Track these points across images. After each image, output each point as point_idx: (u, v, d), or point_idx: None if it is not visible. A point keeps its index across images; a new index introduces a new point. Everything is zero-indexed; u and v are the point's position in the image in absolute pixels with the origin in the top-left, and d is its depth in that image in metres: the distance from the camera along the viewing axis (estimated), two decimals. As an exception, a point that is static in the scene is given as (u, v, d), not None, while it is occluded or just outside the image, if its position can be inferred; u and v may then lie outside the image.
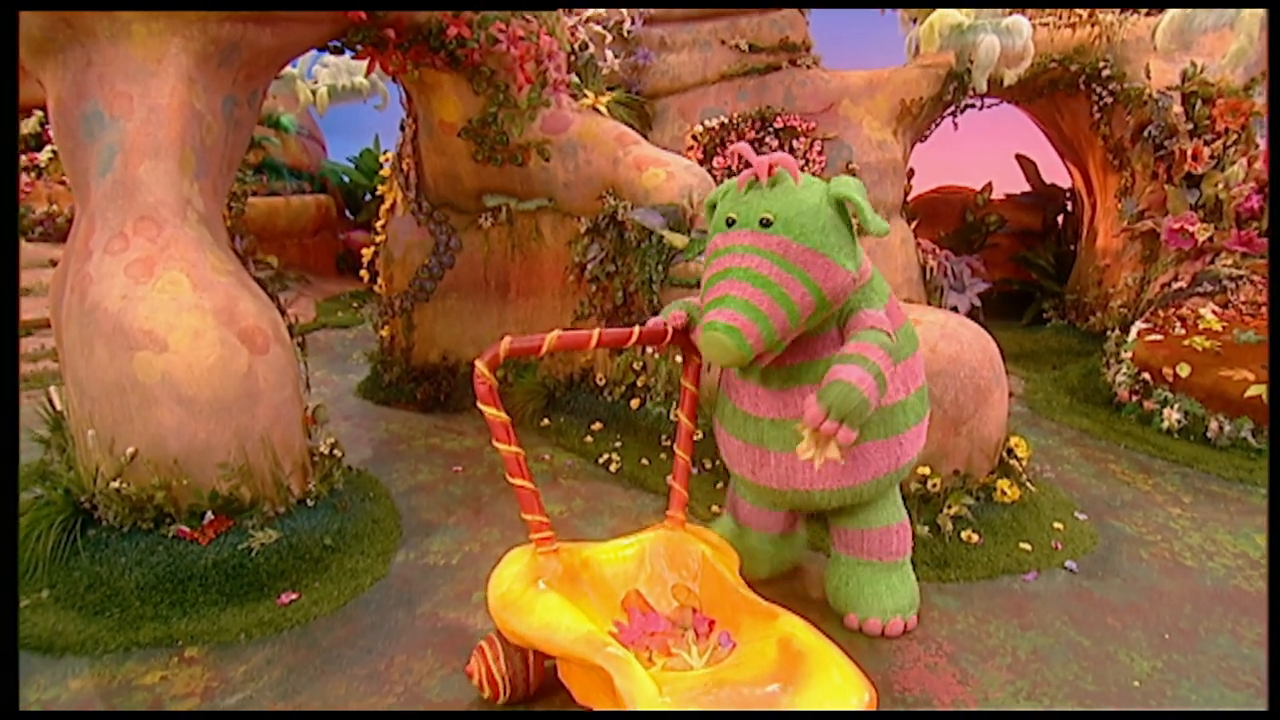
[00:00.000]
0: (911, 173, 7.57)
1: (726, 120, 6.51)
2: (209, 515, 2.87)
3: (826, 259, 2.23)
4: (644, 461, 4.18)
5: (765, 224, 2.22)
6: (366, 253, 5.77)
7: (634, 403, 4.49)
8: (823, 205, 2.26)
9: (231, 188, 3.68)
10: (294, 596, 2.88)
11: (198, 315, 2.84)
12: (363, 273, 5.82)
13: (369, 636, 2.74)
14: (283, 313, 3.56)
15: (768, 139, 6.49)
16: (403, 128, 5.45)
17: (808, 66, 6.63)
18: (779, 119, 6.44)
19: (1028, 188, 8.99)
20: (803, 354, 2.43)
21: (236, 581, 2.80)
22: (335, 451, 3.53)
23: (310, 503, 3.21)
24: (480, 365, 2.26)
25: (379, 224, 5.71)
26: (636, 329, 2.44)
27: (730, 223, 2.29)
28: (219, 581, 2.78)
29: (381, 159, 5.75)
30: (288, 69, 6.77)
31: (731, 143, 6.55)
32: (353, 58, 4.14)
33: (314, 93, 6.93)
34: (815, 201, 2.25)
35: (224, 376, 2.86)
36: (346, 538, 3.25)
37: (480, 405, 2.29)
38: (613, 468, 4.22)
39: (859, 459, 2.51)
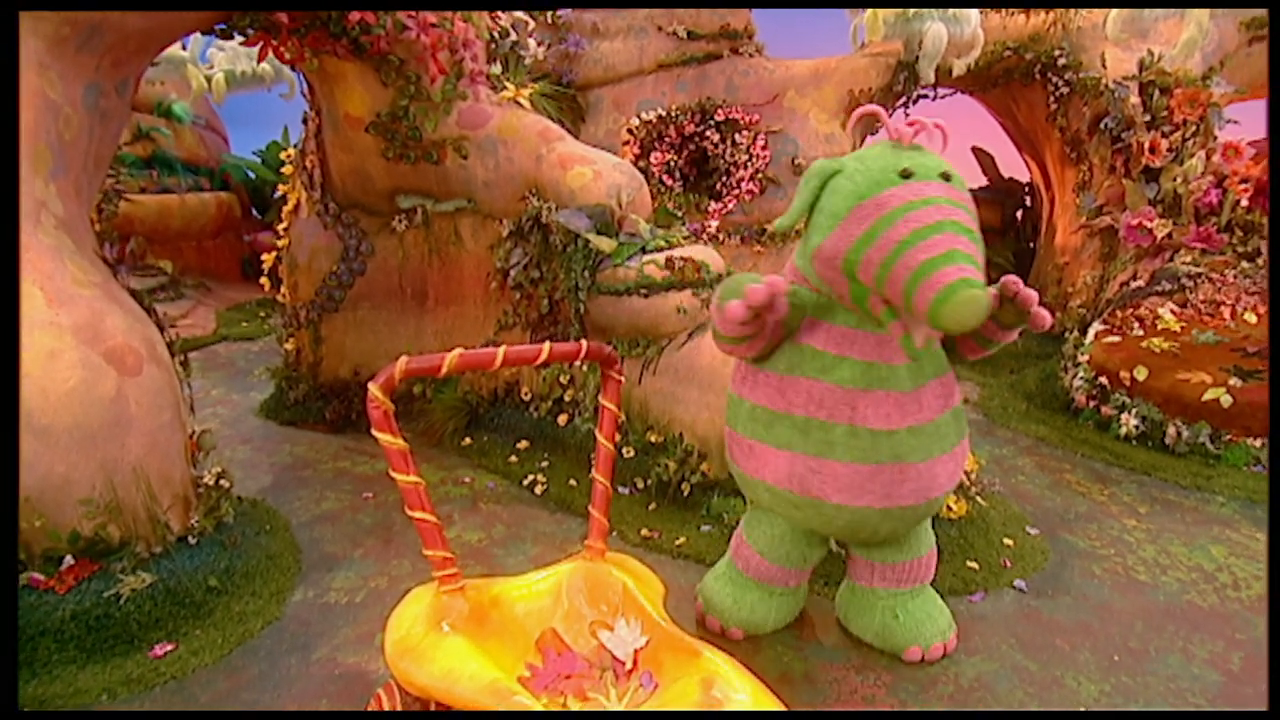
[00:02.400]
0: (864, 167, 7.71)
1: (665, 113, 6.54)
2: (68, 560, 2.74)
3: None
4: (572, 483, 4.16)
5: (946, 178, 2.22)
6: (268, 258, 5.64)
7: (561, 419, 4.47)
8: None
9: (101, 187, 3.55)
10: (170, 648, 2.78)
11: (53, 333, 2.72)
12: (263, 280, 5.68)
13: (255, 688, 2.66)
14: (162, 329, 3.44)
15: (708, 133, 6.54)
16: (305, 121, 5.34)
17: (750, 55, 6.72)
18: (720, 111, 6.50)
19: (985, 182, 9.25)
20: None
21: (100, 634, 2.69)
22: (223, 481, 3.43)
23: (193, 540, 3.11)
24: (374, 389, 2.22)
25: (281, 227, 5.59)
26: (546, 346, 2.41)
27: (906, 175, 2.20)
28: (79, 636, 2.65)
29: (283, 155, 5.63)
30: (177, 52, 6.60)
31: (670, 138, 6.59)
32: (242, 43, 4.04)
33: (209, 79, 6.74)
34: None
35: (86, 402, 2.75)
36: (235, 577, 3.16)
37: (375, 433, 2.25)
38: (538, 490, 4.18)
39: (957, 460, 2.56)
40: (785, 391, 2.49)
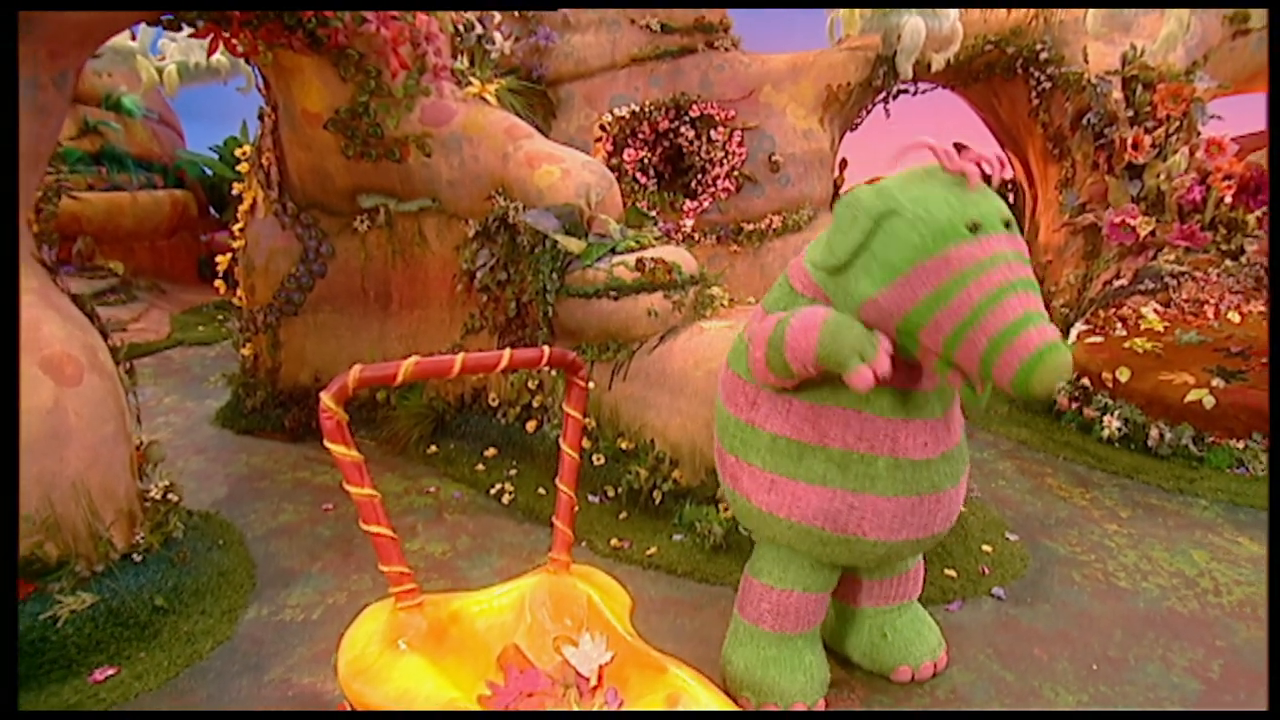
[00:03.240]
0: (844, 164, 7.76)
1: (638, 108, 6.54)
2: (3, 580, 2.69)
3: None
4: (540, 491, 4.15)
5: (1007, 225, 2.13)
6: (223, 260, 5.58)
7: (530, 425, 4.45)
8: None
9: (40, 186, 3.49)
10: (111, 672, 2.73)
11: (-14, 342, 2.67)
12: (218, 283, 5.62)
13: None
14: (105, 335, 3.38)
15: (683, 129, 6.55)
16: (262, 117, 5.29)
17: (726, 49, 6.73)
18: (694, 107, 6.51)
19: (968, 179, 9.29)
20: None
21: (35, 660, 2.63)
22: (171, 495, 3.38)
23: (138, 557, 3.07)
24: (326, 398, 2.19)
25: (237, 227, 5.54)
26: (507, 353, 2.40)
27: (974, 228, 2.08)
28: (13, 660, 2.61)
29: (238, 153, 5.57)
30: (125, 43, 6.52)
31: (644, 134, 6.59)
32: (191, 35, 3.99)
33: (160, 71, 6.66)
34: None
35: (22, 414, 2.70)
36: (184, 596, 3.12)
37: (328, 444, 2.22)
38: (505, 499, 4.17)
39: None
40: (818, 422, 2.38)
